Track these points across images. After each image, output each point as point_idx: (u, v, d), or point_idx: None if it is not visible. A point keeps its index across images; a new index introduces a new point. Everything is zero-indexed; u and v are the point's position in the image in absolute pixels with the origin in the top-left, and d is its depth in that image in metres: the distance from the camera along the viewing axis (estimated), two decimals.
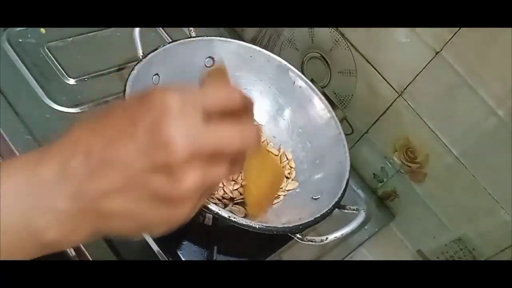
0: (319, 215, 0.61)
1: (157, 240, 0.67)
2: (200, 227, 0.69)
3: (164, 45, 0.69)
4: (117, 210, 0.36)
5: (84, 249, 0.63)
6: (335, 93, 0.85)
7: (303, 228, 0.59)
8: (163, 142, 0.34)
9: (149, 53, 0.67)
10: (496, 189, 0.71)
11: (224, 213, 0.56)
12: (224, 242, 0.68)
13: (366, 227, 0.82)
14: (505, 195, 0.70)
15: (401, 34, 0.72)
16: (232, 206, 0.66)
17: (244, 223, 0.56)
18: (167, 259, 0.65)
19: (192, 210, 0.38)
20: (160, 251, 0.66)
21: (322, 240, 0.60)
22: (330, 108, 0.74)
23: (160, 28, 0.90)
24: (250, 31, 0.94)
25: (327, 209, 0.62)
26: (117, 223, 0.37)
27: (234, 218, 0.56)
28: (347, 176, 0.67)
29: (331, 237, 0.60)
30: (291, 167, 0.73)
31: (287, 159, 0.74)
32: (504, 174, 0.68)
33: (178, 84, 0.37)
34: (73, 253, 0.64)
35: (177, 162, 0.34)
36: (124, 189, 0.35)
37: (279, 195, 0.69)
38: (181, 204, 0.36)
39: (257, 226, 0.56)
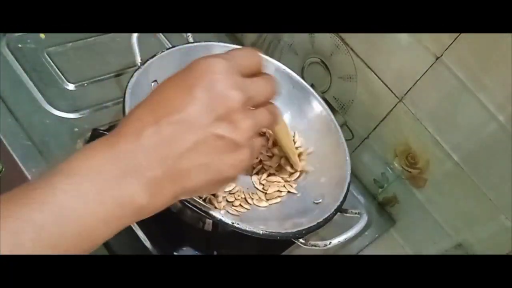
0: (321, 219, 0.61)
1: (156, 245, 0.67)
2: (200, 233, 0.69)
3: (162, 52, 0.69)
4: (194, 165, 0.41)
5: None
6: (335, 99, 0.85)
7: (306, 233, 0.59)
8: (221, 97, 0.41)
9: (148, 60, 0.67)
10: (496, 195, 0.71)
11: (227, 219, 0.56)
12: (224, 248, 0.68)
13: (366, 233, 0.82)
14: (506, 200, 0.69)
15: (402, 39, 0.72)
16: (233, 207, 0.66)
17: (247, 229, 0.56)
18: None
19: (251, 154, 0.44)
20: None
21: (325, 245, 0.60)
22: (330, 112, 0.74)
23: (160, 33, 0.90)
24: (250, 36, 0.94)
25: (329, 213, 0.62)
26: (195, 180, 0.42)
27: (238, 224, 0.56)
28: (348, 180, 0.67)
29: (335, 241, 0.60)
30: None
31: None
32: (505, 179, 0.68)
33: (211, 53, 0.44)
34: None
35: (235, 111, 0.42)
36: (197, 145, 0.41)
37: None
38: (242, 148, 0.43)
39: (261, 232, 0.56)
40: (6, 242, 0.35)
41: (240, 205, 0.66)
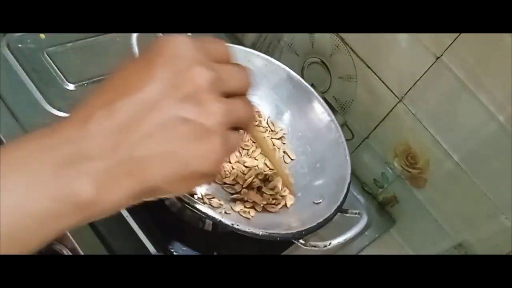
0: (322, 220, 0.61)
1: (156, 245, 0.67)
2: (200, 233, 0.69)
3: None
4: (154, 155, 0.35)
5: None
6: (335, 99, 0.85)
7: (306, 234, 0.59)
8: (185, 73, 0.35)
9: None
10: (496, 195, 0.71)
11: (227, 220, 0.56)
12: (224, 248, 0.68)
13: (366, 233, 0.82)
14: (506, 200, 0.69)
15: (402, 39, 0.72)
16: (236, 207, 0.66)
17: (247, 230, 0.56)
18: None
19: (223, 146, 0.37)
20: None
21: (325, 246, 0.60)
22: (330, 112, 0.74)
23: (160, 34, 0.90)
24: (250, 36, 0.94)
25: (329, 213, 0.61)
26: (156, 172, 0.35)
27: (237, 225, 0.56)
28: (348, 180, 0.67)
29: (335, 242, 0.60)
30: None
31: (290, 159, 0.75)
32: (505, 179, 0.68)
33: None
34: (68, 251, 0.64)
35: (203, 90, 0.35)
36: (157, 130, 0.35)
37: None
38: (212, 135, 0.36)
39: (260, 233, 0.56)
40: None
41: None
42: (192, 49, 0.36)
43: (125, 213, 0.67)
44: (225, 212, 0.63)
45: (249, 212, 0.65)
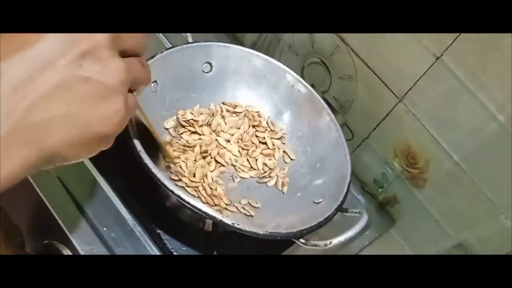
0: (322, 219, 0.61)
1: (156, 245, 0.67)
2: (200, 233, 0.69)
3: (161, 52, 0.69)
4: (51, 117, 0.32)
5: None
6: (335, 99, 0.85)
7: (306, 233, 0.59)
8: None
9: (148, 60, 0.67)
10: (496, 195, 0.70)
11: (228, 220, 0.56)
12: (224, 248, 0.68)
13: (366, 233, 0.82)
14: (506, 200, 0.69)
15: (402, 39, 0.72)
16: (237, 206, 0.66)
17: (248, 229, 0.56)
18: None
19: (125, 106, 0.35)
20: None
21: (326, 245, 0.60)
22: (330, 111, 0.74)
23: (160, 34, 0.90)
24: (250, 36, 0.94)
25: (329, 213, 0.62)
26: (54, 136, 0.32)
27: (238, 225, 0.56)
28: (348, 179, 0.67)
29: (335, 241, 0.60)
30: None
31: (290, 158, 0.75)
32: (505, 179, 0.68)
33: None
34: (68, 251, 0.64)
35: (102, 47, 0.34)
36: (54, 90, 0.32)
37: None
38: (114, 94, 0.34)
39: (261, 232, 0.56)
40: None
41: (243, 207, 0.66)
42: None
43: (125, 213, 0.67)
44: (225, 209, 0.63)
45: (248, 211, 0.65)
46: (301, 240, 0.59)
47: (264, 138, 0.74)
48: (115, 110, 0.34)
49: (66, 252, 0.64)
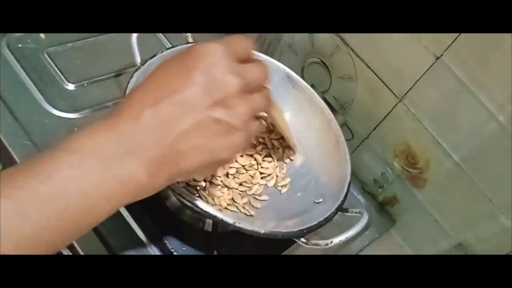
0: (322, 218, 0.61)
1: (156, 245, 0.67)
2: (200, 233, 0.69)
3: (162, 52, 0.69)
4: (190, 147, 0.43)
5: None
6: (335, 99, 0.85)
7: (307, 233, 0.59)
8: (219, 82, 0.43)
9: (148, 60, 0.67)
10: (496, 195, 0.70)
11: (229, 219, 0.56)
12: (224, 248, 0.68)
13: (366, 233, 0.82)
14: (506, 200, 0.69)
15: (402, 39, 0.72)
16: (238, 205, 0.66)
17: (249, 228, 0.56)
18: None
19: (246, 138, 0.46)
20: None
21: (327, 244, 0.60)
22: (330, 111, 0.74)
23: (160, 34, 0.90)
24: (250, 36, 0.94)
25: (330, 212, 0.62)
26: (190, 161, 0.43)
27: (239, 223, 0.56)
28: (348, 179, 0.67)
29: (336, 240, 0.60)
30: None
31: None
32: (505, 179, 0.68)
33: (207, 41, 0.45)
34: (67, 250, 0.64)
35: (232, 96, 0.43)
36: (194, 128, 0.42)
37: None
38: (238, 131, 0.44)
39: (262, 231, 0.56)
40: (12, 211, 0.36)
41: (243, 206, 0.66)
42: (224, 57, 0.43)
43: (125, 213, 0.67)
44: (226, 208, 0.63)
45: (249, 210, 0.65)
46: (302, 239, 0.59)
47: (264, 138, 0.74)
48: (236, 144, 0.45)
49: (66, 252, 0.64)
